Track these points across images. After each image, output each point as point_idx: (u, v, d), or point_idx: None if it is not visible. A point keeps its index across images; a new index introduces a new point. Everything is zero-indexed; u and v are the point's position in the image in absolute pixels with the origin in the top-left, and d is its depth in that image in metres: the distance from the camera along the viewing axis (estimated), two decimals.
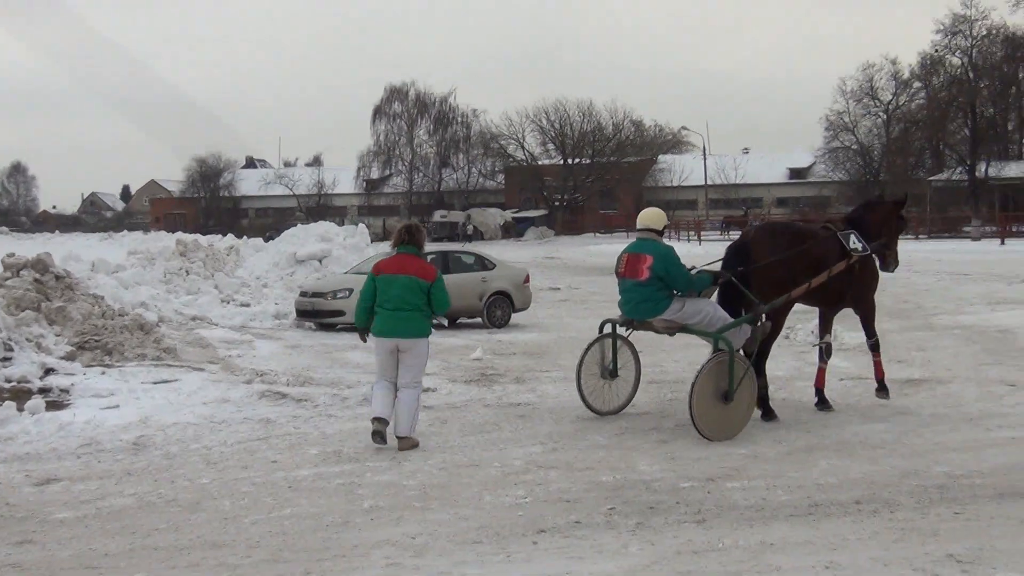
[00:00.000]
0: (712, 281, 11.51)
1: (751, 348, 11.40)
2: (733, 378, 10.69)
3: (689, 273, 11.29)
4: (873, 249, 12.37)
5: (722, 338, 10.94)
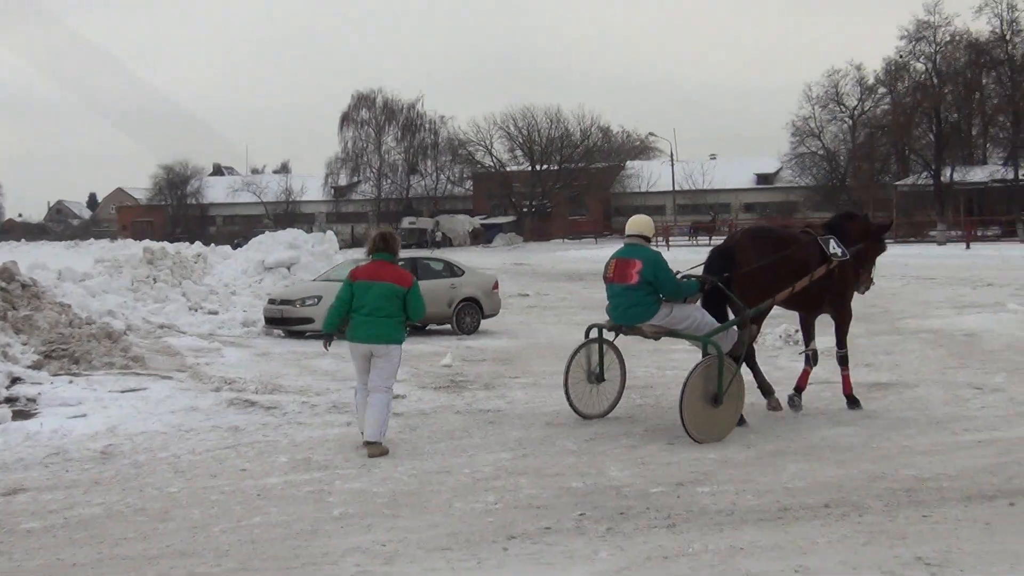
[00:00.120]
0: (698, 288, 11.68)
1: (738, 352, 11.54)
2: (722, 381, 10.84)
3: (677, 279, 11.45)
4: (852, 254, 12.51)
5: (711, 342, 11.09)
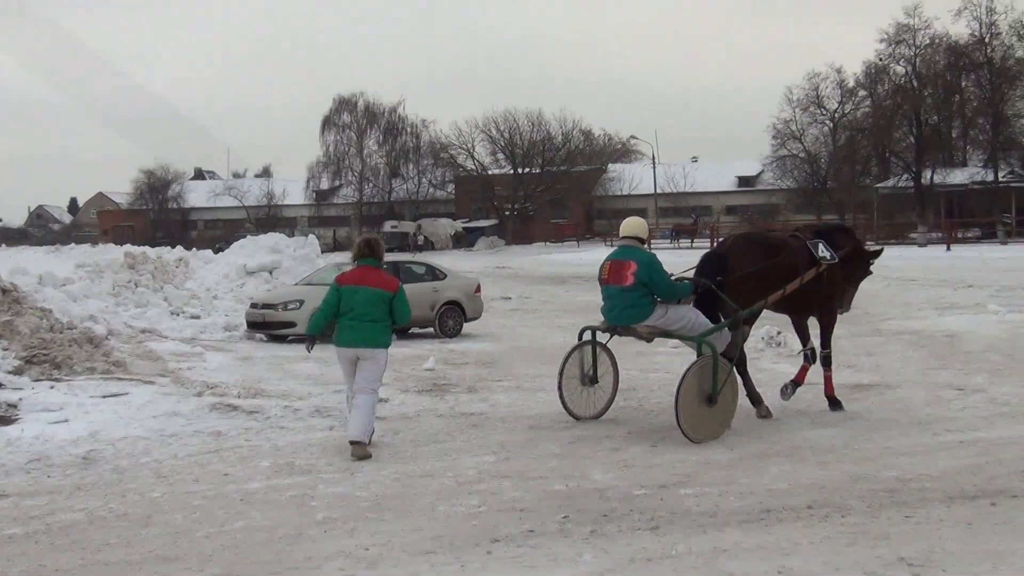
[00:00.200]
0: (692, 289, 11.80)
1: (732, 352, 11.69)
2: (716, 381, 11.00)
3: (672, 280, 11.59)
4: (839, 257, 12.67)
5: (706, 342, 11.25)
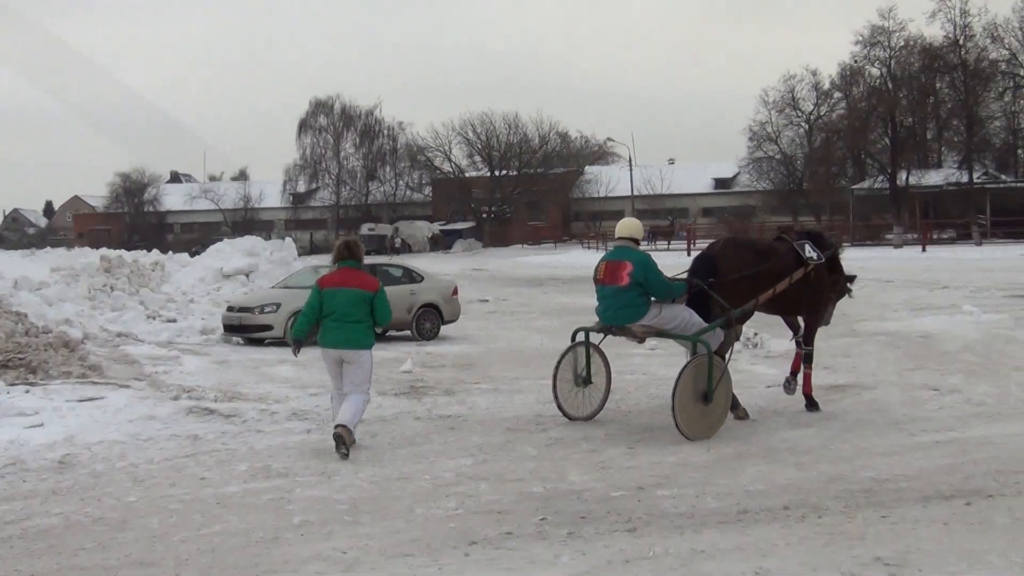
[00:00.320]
0: (685, 289, 11.94)
1: (723, 351, 11.85)
2: (711, 379, 11.13)
3: (667, 280, 11.72)
4: (826, 257, 12.86)
5: (701, 341, 11.40)
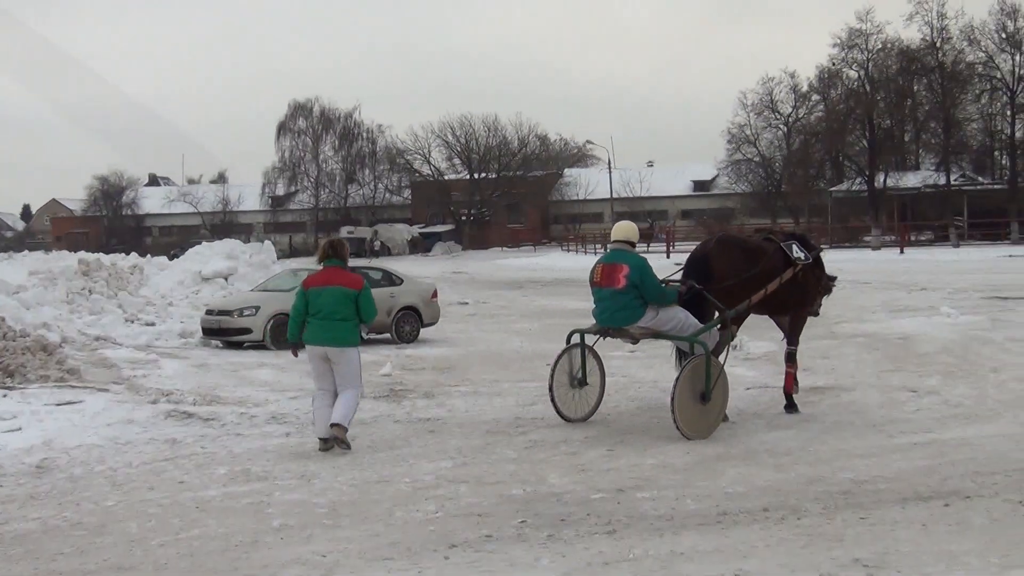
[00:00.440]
0: (677, 296, 11.97)
1: (719, 351, 12.01)
2: (709, 379, 11.23)
3: (661, 285, 11.86)
4: (812, 257, 13.09)
5: (699, 341, 11.53)
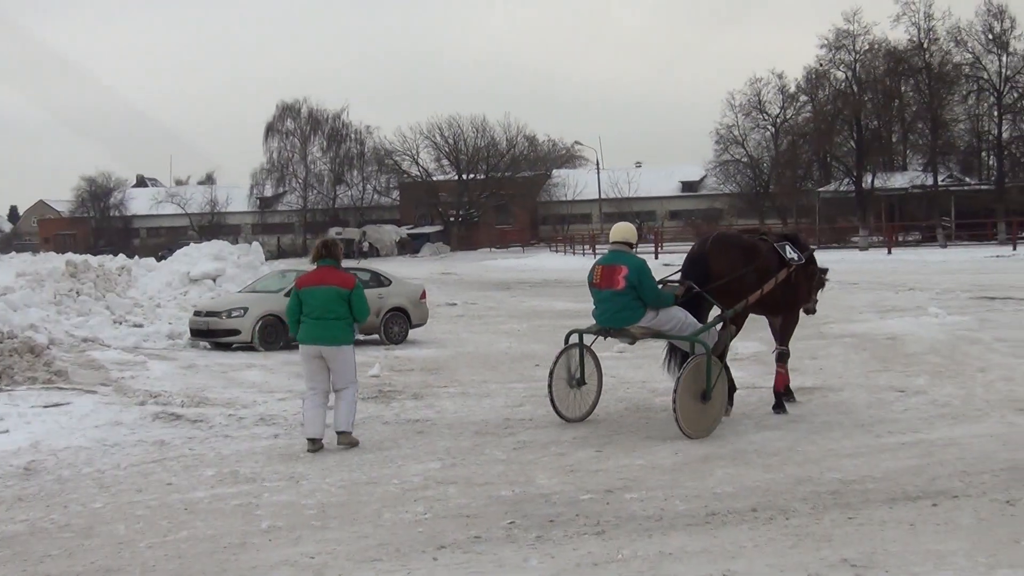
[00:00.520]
0: (673, 299, 12.05)
1: (718, 350, 12.09)
2: (710, 378, 11.34)
3: (659, 288, 11.96)
4: (806, 258, 13.23)
5: (699, 341, 11.63)
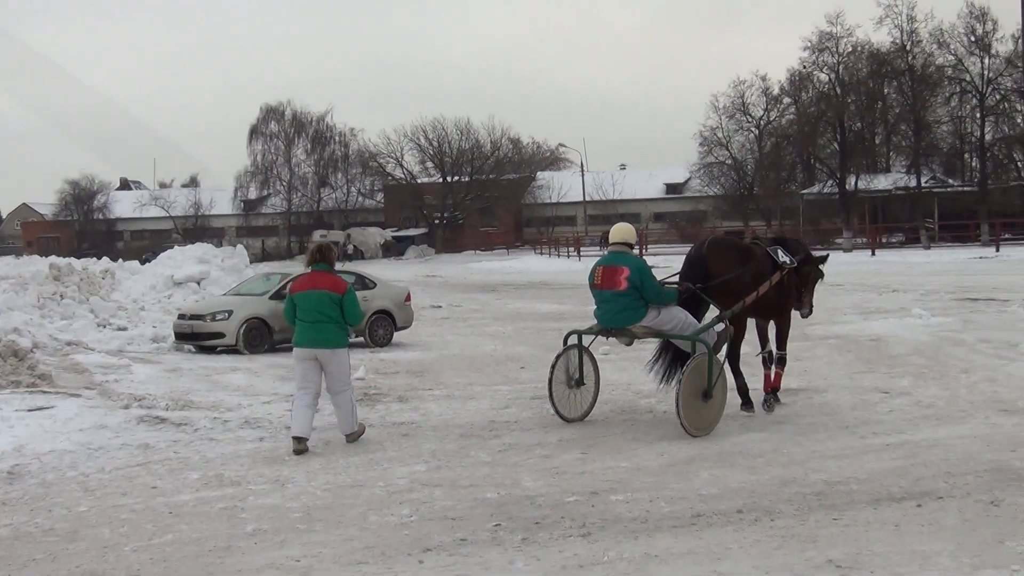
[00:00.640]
0: (676, 296, 12.20)
1: (718, 350, 12.24)
2: (711, 376, 11.49)
3: (661, 286, 12.06)
4: (798, 262, 13.35)
5: (700, 340, 11.77)
